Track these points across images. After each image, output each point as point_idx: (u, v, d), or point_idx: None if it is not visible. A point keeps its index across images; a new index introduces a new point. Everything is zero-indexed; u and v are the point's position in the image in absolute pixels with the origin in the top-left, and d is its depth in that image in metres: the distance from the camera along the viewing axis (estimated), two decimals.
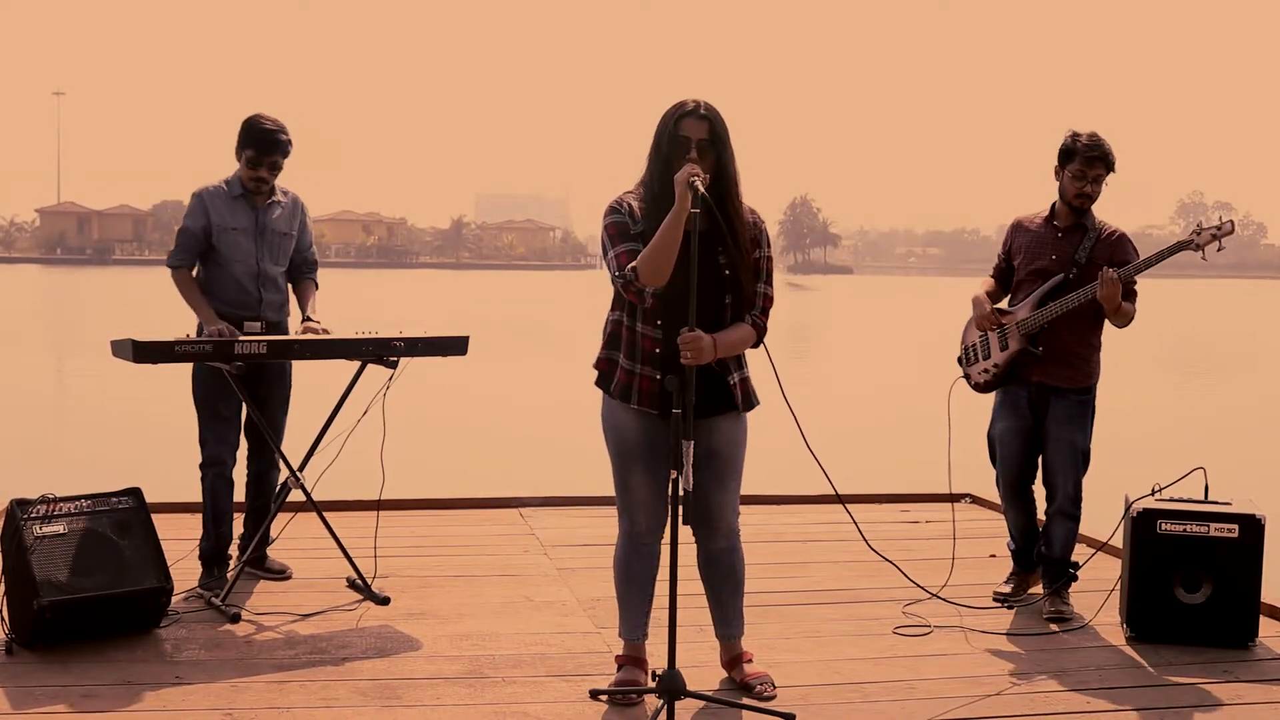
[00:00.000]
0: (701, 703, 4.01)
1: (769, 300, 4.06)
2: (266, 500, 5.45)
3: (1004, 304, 5.27)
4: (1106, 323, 5.07)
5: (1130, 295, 4.98)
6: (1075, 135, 5.00)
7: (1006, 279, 5.31)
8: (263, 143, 5.13)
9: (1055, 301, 5.00)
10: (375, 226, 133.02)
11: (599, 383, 4.09)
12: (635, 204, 3.96)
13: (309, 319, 5.31)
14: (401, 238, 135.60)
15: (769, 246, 4.10)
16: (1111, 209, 5.14)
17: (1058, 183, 5.08)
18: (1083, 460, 5.10)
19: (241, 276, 5.22)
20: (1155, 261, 4.93)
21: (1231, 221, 4.86)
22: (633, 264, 3.84)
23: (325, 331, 5.21)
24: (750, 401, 4.08)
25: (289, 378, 5.40)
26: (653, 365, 3.94)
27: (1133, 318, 5.00)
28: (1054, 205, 5.15)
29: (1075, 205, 5.03)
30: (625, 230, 3.94)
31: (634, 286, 3.85)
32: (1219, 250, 4.90)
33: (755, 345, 4.05)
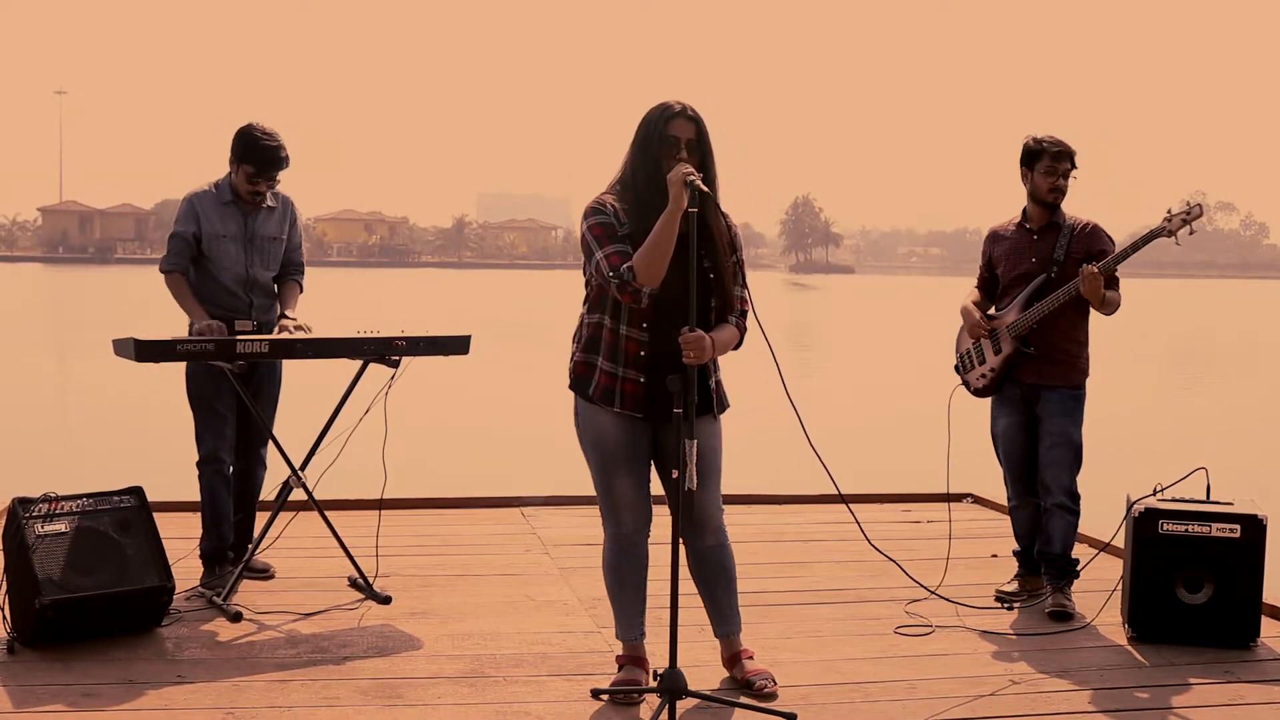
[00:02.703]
0: (703, 702, 4.01)
1: (746, 304, 4.09)
2: (253, 499, 5.46)
3: (992, 310, 5.34)
4: (1093, 317, 5.16)
5: (1113, 284, 5.07)
6: (1037, 138, 5.14)
7: (991, 288, 5.39)
8: (265, 160, 5.12)
9: (1041, 302, 5.07)
10: (377, 225, 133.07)
11: (574, 386, 4.09)
12: (617, 205, 3.96)
13: (285, 316, 5.29)
14: (403, 237, 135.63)
15: (741, 250, 4.13)
16: (1113, 208, 5.20)
17: (1026, 186, 5.19)
18: (1077, 455, 5.12)
19: (230, 283, 5.21)
20: (1131, 252, 5.03)
21: (1200, 205, 4.93)
22: (628, 264, 3.83)
23: (302, 329, 5.20)
24: (723, 404, 4.16)
25: (279, 378, 5.40)
26: (636, 368, 3.94)
27: (1119, 304, 5.06)
28: (1025, 209, 5.24)
29: (1049, 201, 5.13)
30: (612, 231, 3.93)
31: (630, 287, 3.84)
32: (1190, 234, 4.99)
33: (737, 347, 4.09)
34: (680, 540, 3.83)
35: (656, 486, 4.16)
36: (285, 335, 5.15)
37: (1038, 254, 5.15)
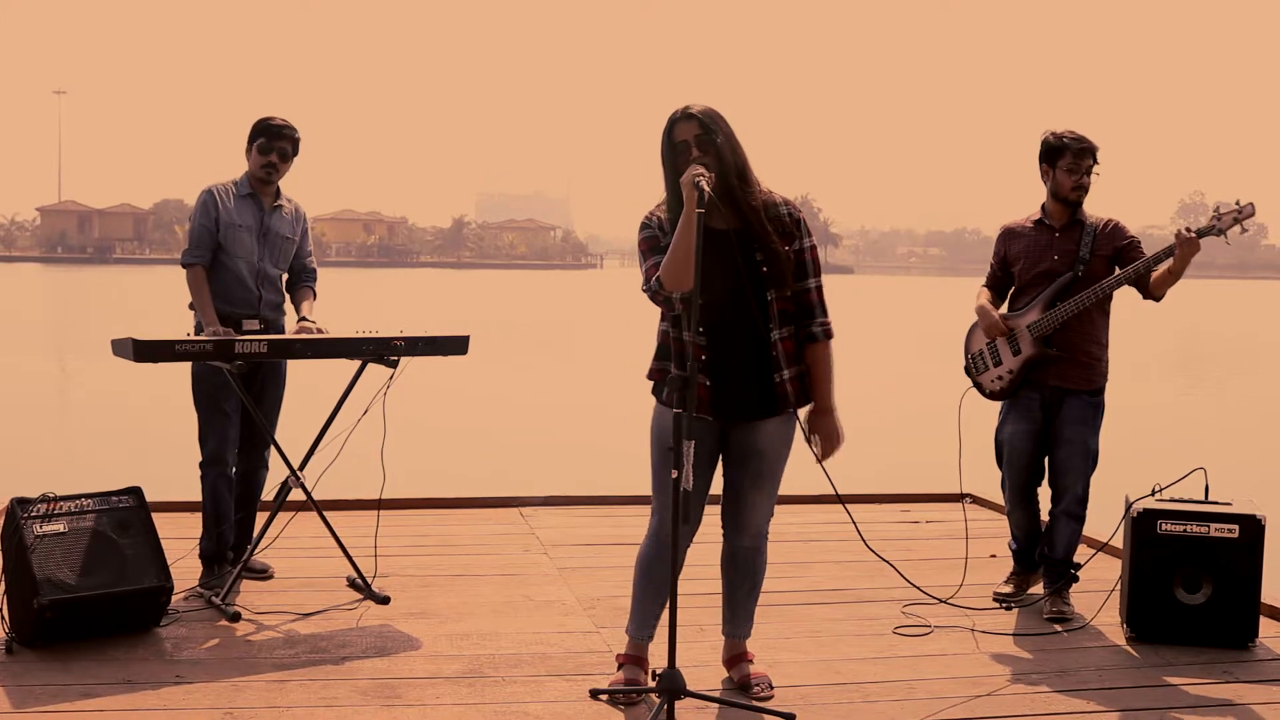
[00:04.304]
0: (701, 702, 4.01)
1: (822, 293, 4.08)
2: (254, 499, 5.46)
3: (1004, 310, 5.25)
4: (1122, 323, 5.07)
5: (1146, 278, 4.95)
6: (1058, 134, 5.04)
7: (1002, 287, 5.29)
8: (273, 131, 5.27)
9: (1068, 301, 4.98)
10: (376, 226, 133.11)
11: (654, 391, 4.12)
12: (664, 216, 4.00)
13: (304, 319, 5.34)
14: (402, 237, 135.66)
15: (810, 234, 4.07)
16: (1113, 209, 5.15)
17: (1046, 183, 5.10)
18: (1092, 462, 5.09)
19: (243, 273, 5.27)
20: (1166, 256, 4.89)
21: (1251, 204, 4.78)
22: (657, 275, 3.88)
23: (320, 331, 5.23)
24: (803, 398, 4.07)
25: (284, 379, 5.42)
26: (704, 372, 3.95)
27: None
28: (1044, 206, 5.16)
29: (1073, 199, 5.03)
30: (656, 243, 3.98)
31: (661, 295, 3.89)
32: (1242, 233, 4.85)
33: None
34: (678, 540, 3.82)
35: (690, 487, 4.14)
36: (291, 335, 5.18)
37: (1060, 251, 5.05)
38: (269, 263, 5.34)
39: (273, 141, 5.26)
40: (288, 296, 5.52)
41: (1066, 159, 5.00)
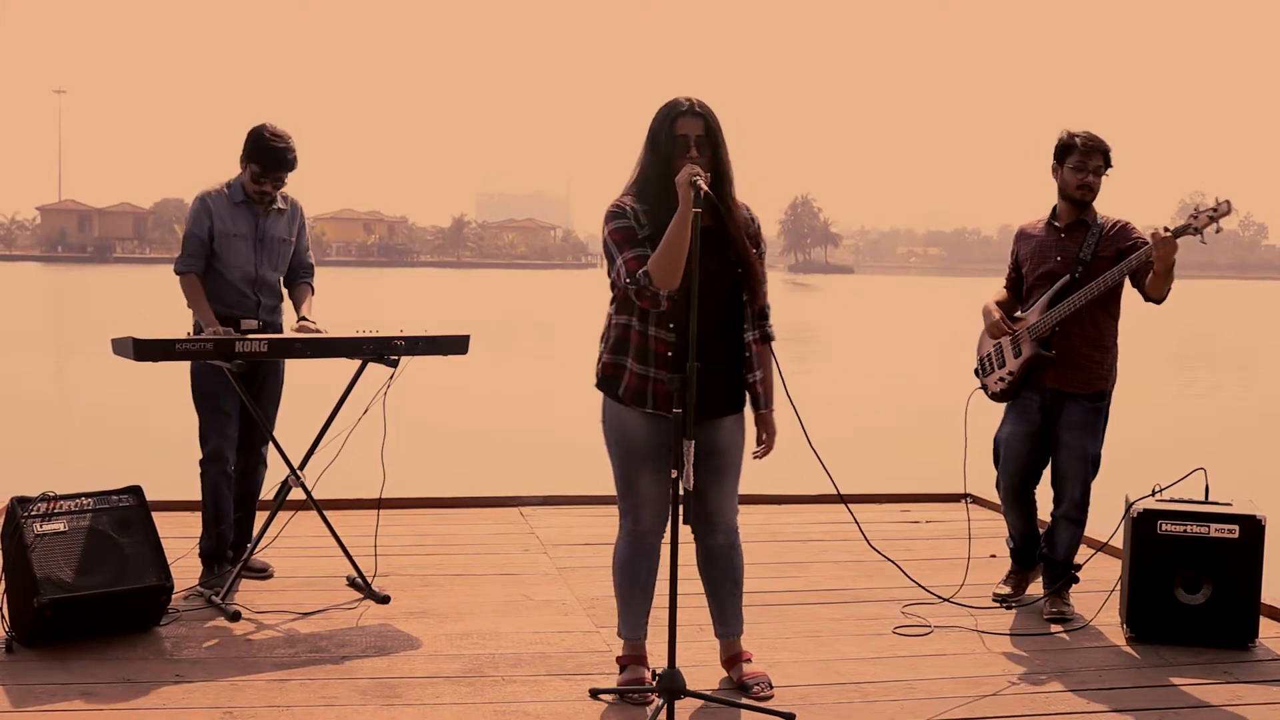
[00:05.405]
0: (701, 702, 4.01)
1: (767, 297, 4.13)
2: (254, 498, 5.46)
3: (1019, 312, 5.24)
4: (1121, 324, 5.06)
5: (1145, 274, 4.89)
6: (1070, 132, 5.04)
7: (1019, 289, 5.29)
8: (269, 160, 5.14)
9: (1062, 303, 4.98)
10: (376, 225, 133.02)
11: (602, 386, 4.08)
12: (636, 206, 3.95)
13: (304, 319, 5.33)
14: (402, 236, 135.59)
15: (763, 244, 4.14)
16: (1112, 209, 5.14)
17: (1056, 181, 5.09)
18: (1092, 466, 5.08)
19: (239, 281, 5.25)
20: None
21: (1228, 202, 4.75)
22: (644, 269, 3.83)
23: (320, 332, 5.23)
24: (755, 399, 4.14)
25: (282, 377, 5.41)
26: (666, 369, 3.94)
27: (1170, 288, 4.86)
28: (1055, 207, 5.15)
29: (1078, 198, 5.02)
30: (632, 235, 3.92)
31: (648, 291, 3.85)
32: (1218, 232, 4.82)
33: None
34: (678, 540, 3.83)
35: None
36: (292, 334, 5.18)
37: (1063, 253, 5.04)
38: (267, 268, 5.31)
39: (268, 171, 5.14)
40: (285, 294, 5.49)
41: (1074, 157, 5.00)
